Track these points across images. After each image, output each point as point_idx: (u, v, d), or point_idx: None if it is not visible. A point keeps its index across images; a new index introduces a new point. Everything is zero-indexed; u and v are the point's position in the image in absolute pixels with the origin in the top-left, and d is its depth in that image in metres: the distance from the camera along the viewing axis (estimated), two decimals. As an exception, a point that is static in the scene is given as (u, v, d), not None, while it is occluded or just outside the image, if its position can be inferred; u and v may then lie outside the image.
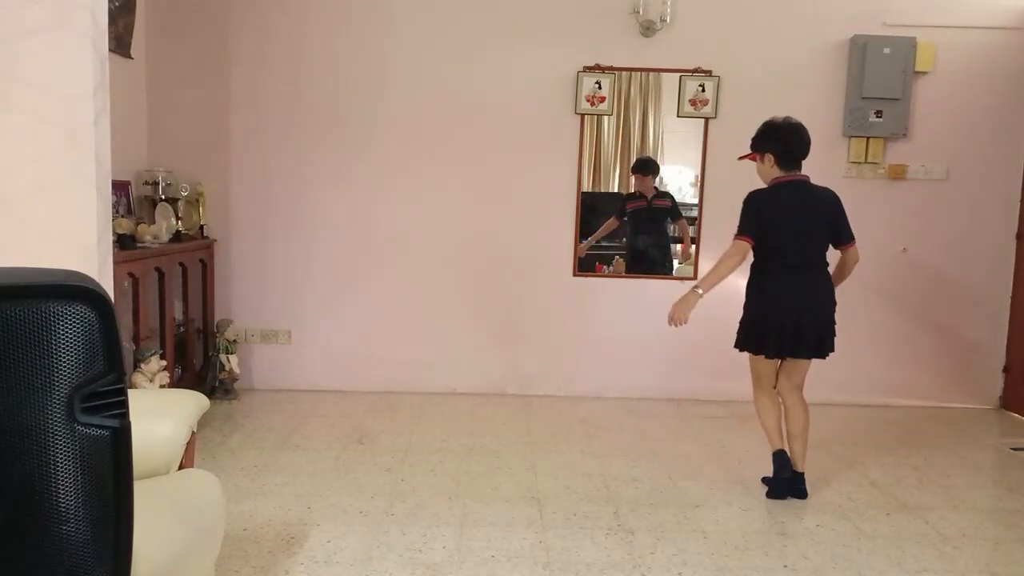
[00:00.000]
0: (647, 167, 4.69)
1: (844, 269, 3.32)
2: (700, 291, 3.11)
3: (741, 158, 3.46)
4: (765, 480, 3.35)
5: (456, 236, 4.73)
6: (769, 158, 3.28)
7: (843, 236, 3.27)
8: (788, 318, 3.14)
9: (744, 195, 3.31)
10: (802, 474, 3.25)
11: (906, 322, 4.79)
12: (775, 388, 3.30)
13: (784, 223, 3.16)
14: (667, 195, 4.74)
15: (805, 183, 3.26)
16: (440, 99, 4.62)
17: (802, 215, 3.19)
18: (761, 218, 3.16)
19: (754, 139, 3.35)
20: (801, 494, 3.23)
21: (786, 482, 3.23)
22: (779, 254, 3.17)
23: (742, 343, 3.28)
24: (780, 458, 3.24)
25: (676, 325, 3.14)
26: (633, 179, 4.71)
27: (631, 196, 4.74)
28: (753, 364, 3.31)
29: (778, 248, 3.16)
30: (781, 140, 3.27)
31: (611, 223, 4.77)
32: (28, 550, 1.06)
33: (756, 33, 4.60)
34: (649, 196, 4.73)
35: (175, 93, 4.56)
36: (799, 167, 3.28)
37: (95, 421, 1.08)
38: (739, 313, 3.30)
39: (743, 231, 3.17)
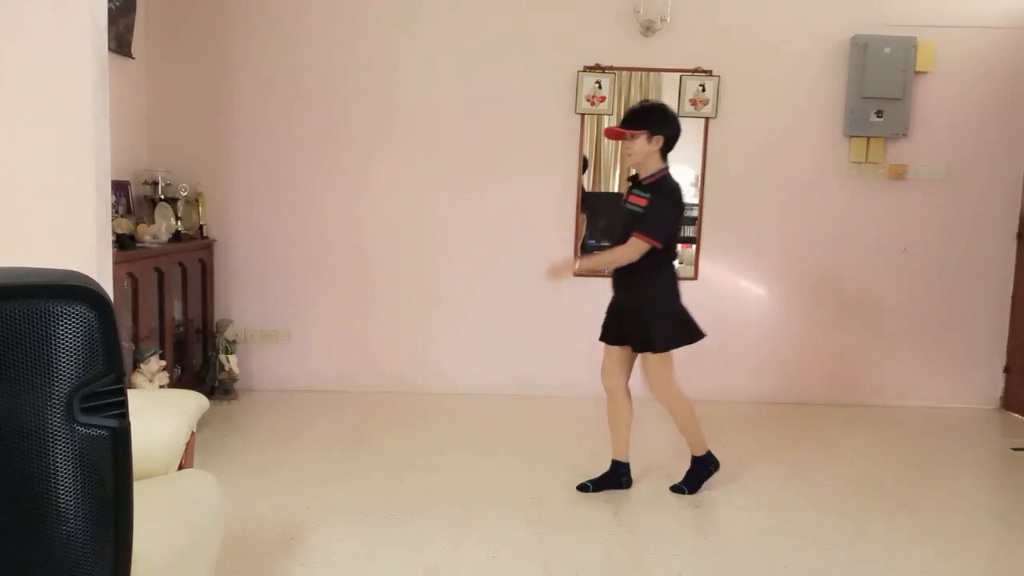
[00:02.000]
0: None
1: (616, 253, 3.14)
2: (578, 266, 3.33)
3: (612, 132, 3.31)
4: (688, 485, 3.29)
5: (456, 236, 4.72)
6: (658, 141, 3.03)
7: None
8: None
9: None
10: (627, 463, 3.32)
11: (906, 322, 4.79)
12: (619, 384, 3.32)
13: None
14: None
15: None
16: (440, 99, 4.61)
17: None
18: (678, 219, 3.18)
19: (646, 117, 3.07)
20: (626, 483, 3.30)
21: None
22: (673, 248, 3.26)
23: (676, 339, 3.13)
24: (710, 458, 3.30)
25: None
26: None
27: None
28: (668, 360, 3.18)
29: (674, 242, 3.27)
30: (676, 128, 3.09)
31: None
32: (28, 550, 1.06)
33: (756, 33, 4.60)
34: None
35: (175, 93, 4.56)
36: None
37: (95, 421, 1.08)
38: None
39: (658, 236, 3.01)
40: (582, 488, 3.26)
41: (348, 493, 3.17)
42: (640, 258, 3.03)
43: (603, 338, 3.29)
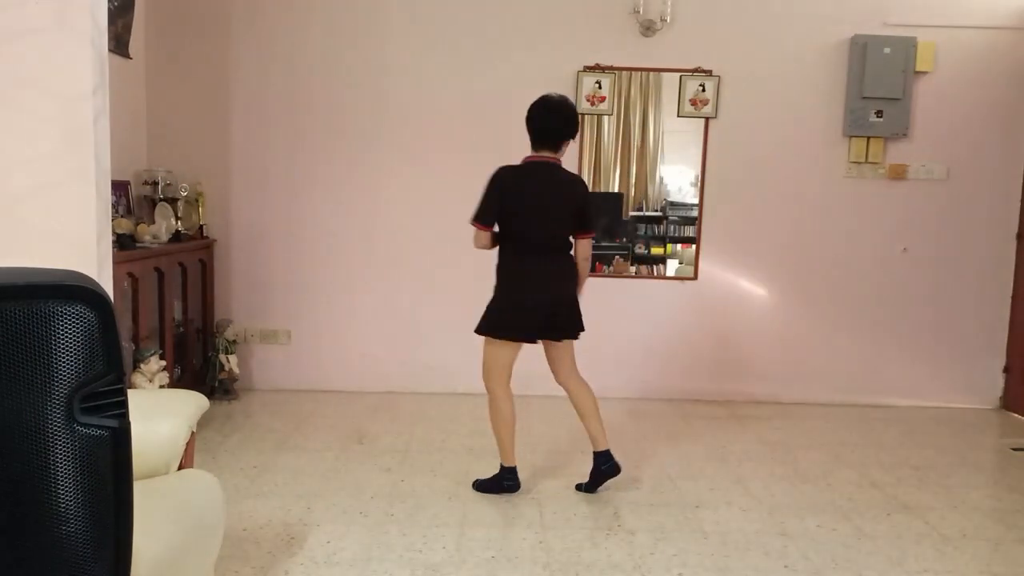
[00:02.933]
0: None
1: (578, 258, 3.25)
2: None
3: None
4: (485, 484, 3.25)
5: (456, 235, 4.71)
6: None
7: (583, 225, 3.19)
8: (543, 301, 3.12)
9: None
10: (607, 451, 3.24)
11: (906, 322, 4.79)
12: (558, 381, 3.30)
13: (528, 204, 3.10)
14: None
15: (554, 167, 3.17)
16: (440, 99, 4.61)
17: (546, 198, 3.13)
18: (504, 201, 3.11)
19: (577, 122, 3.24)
20: (614, 469, 3.23)
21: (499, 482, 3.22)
22: (522, 236, 3.14)
23: (491, 327, 3.16)
24: (512, 475, 3.22)
25: None
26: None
27: None
28: (495, 351, 3.19)
29: (522, 230, 3.13)
30: (534, 122, 3.16)
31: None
32: (28, 550, 1.06)
33: (756, 33, 4.60)
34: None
35: (175, 93, 4.56)
36: (554, 149, 3.15)
37: (95, 421, 1.08)
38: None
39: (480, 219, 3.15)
40: (583, 488, 3.26)
41: (348, 493, 3.17)
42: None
43: (538, 338, 3.19)
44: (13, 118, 2.56)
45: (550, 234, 3.15)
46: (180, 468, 2.05)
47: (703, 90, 4.61)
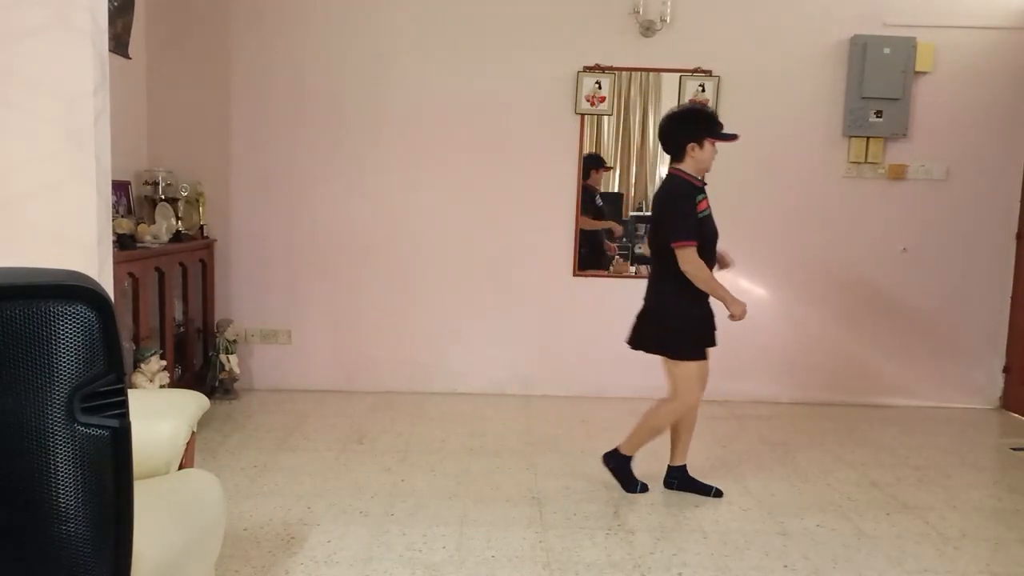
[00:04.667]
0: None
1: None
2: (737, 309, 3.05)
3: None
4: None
5: (456, 236, 4.73)
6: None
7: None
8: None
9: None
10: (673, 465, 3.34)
11: (906, 322, 4.79)
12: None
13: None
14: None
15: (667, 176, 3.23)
16: (440, 99, 4.61)
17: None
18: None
19: (700, 122, 3.12)
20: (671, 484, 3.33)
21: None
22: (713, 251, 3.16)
23: (700, 344, 3.15)
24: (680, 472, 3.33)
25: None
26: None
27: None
28: (698, 368, 3.16)
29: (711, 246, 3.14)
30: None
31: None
32: (28, 550, 1.06)
33: (756, 33, 4.60)
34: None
35: (175, 93, 4.56)
36: (672, 159, 3.17)
37: (95, 421, 1.08)
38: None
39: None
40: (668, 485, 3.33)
41: (348, 493, 3.17)
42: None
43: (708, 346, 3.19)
44: (13, 118, 2.56)
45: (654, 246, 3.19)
46: (180, 468, 2.06)
47: (703, 90, 4.61)
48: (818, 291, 4.76)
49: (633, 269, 4.80)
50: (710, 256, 3.13)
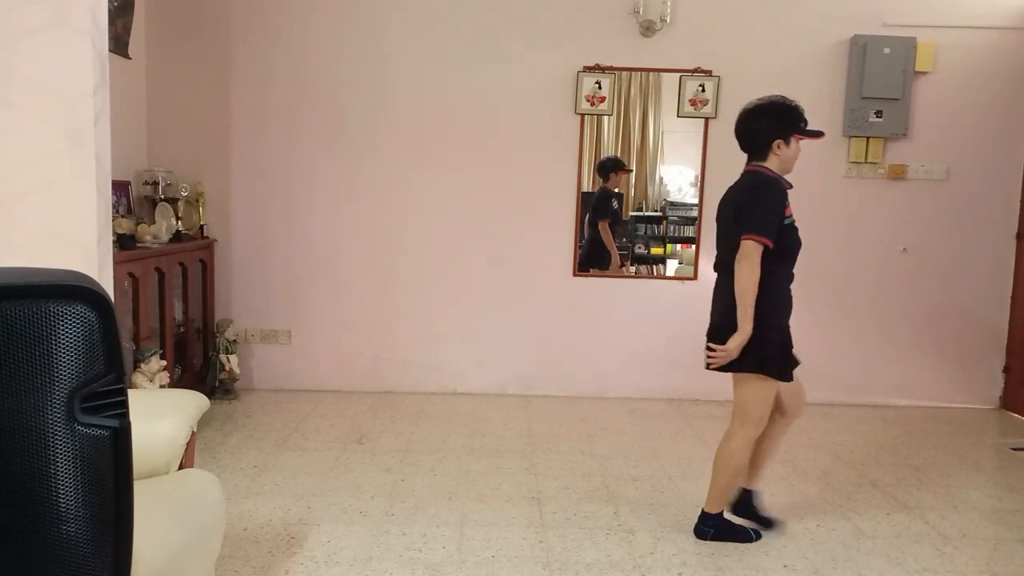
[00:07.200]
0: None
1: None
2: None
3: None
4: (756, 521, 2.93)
5: (456, 236, 4.73)
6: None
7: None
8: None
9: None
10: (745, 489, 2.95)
11: (906, 322, 4.79)
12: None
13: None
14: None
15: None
16: (440, 99, 4.62)
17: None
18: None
19: (788, 117, 2.80)
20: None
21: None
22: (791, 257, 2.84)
23: (784, 363, 2.78)
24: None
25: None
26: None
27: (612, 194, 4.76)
28: (772, 390, 2.82)
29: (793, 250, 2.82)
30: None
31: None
32: (28, 550, 1.06)
33: (756, 33, 4.60)
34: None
35: (175, 93, 4.56)
36: (750, 157, 2.86)
37: (95, 421, 1.08)
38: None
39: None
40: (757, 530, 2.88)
41: (348, 493, 3.17)
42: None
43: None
44: (13, 118, 2.57)
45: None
46: (180, 468, 2.06)
47: (703, 90, 4.61)
48: (818, 291, 4.75)
49: (633, 269, 4.80)
50: (789, 269, 2.78)
